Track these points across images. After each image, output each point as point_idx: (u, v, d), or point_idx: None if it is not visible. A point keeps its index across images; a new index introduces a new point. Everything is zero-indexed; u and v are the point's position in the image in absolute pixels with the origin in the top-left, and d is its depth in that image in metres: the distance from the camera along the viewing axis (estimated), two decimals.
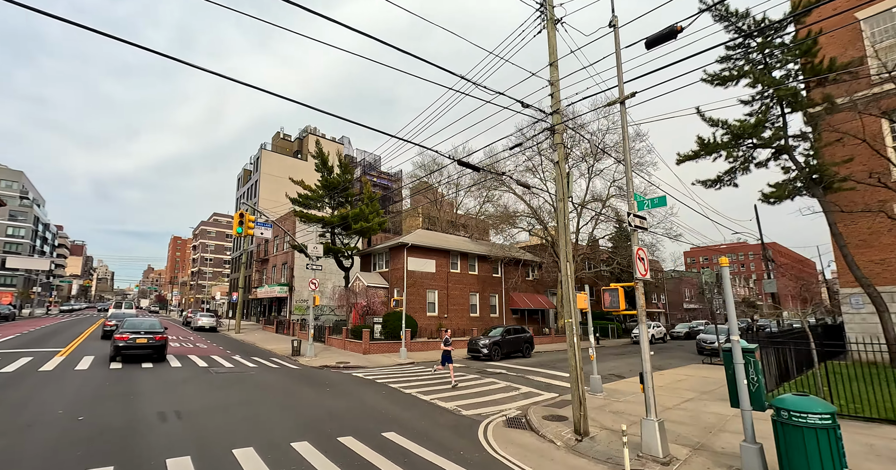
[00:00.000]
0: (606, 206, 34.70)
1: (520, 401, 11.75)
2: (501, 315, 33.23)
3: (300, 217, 28.80)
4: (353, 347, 22.68)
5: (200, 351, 19.93)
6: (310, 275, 39.75)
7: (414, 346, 23.47)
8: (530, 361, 21.42)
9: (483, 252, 32.70)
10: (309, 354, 20.02)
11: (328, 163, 30.11)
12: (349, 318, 30.26)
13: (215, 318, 34.64)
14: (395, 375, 15.36)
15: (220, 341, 26.01)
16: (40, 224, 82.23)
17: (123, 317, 23.67)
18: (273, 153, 54.75)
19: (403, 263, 27.68)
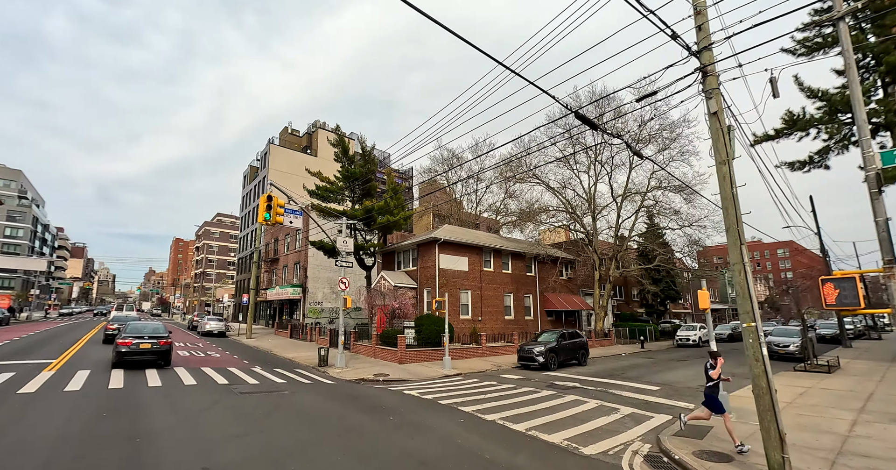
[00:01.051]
0: (646, 198, 32.02)
1: (632, 427, 9.23)
2: (536, 317, 30.52)
3: (319, 211, 26.14)
4: (386, 356, 19.97)
5: (214, 361, 17.25)
6: (324, 275, 37.09)
7: (451, 353, 20.74)
8: (591, 369, 18.71)
9: (517, 249, 30.02)
10: (339, 364, 17.34)
11: (349, 152, 27.46)
12: (372, 321, 27.57)
13: (224, 322, 31.99)
14: (452, 392, 12.65)
15: (233, 349, 23.32)
16: (39, 225, 79.73)
17: (126, 320, 22.32)
18: (281, 148, 52.17)
19: (434, 260, 25.00)
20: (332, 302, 37.51)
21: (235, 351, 21.97)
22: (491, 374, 17.38)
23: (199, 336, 30.58)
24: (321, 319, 36.38)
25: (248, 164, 59.52)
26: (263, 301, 45.10)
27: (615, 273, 32.22)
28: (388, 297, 25.03)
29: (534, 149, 33.29)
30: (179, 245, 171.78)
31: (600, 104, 29.64)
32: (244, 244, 57.80)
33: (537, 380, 15.57)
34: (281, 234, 42.45)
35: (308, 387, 12.71)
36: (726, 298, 36.27)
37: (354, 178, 27.01)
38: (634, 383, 14.88)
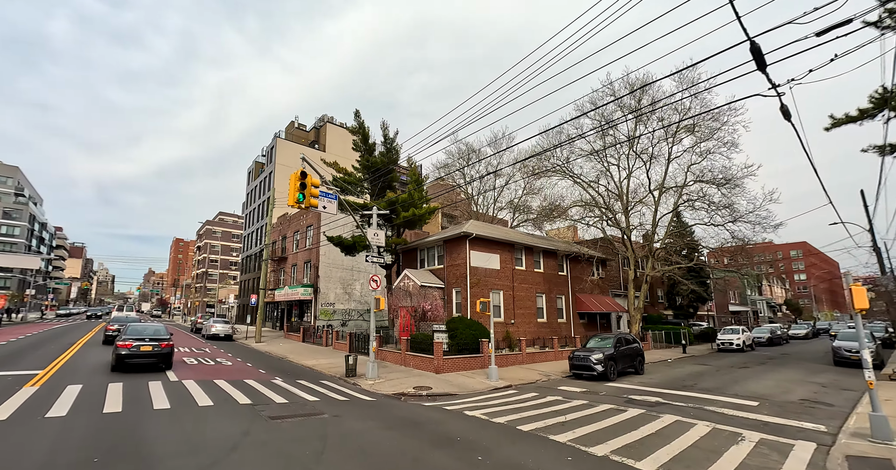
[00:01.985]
0: (683, 193, 29.83)
1: (783, 461, 7.12)
2: (569, 320, 28.26)
3: (338, 204, 23.86)
4: (419, 364, 17.71)
5: (227, 371, 14.98)
6: (336, 274, 34.84)
7: (490, 361, 18.47)
8: (653, 379, 16.45)
9: (550, 246, 27.81)
10: (370, 375, 15.07)
11: (369, 140, 25.23)
12: (394, 324, 25.31)
13: (230, 324, 29.71)
14: (522, 412, 10.38)
15: (245, 355, 21.05)
16: (37, 223, 77.46)
17: (126, 321, 22.82)
18: (288, 142, 49.98)
19: (465, 257, 22.75)
20: (345, 303, 35.27)
21: (248, 358, 19.69)
22: (545, 385, 15.14)
23: (205, 340, 28.30)
24: (333, 321, 34.12)
25: (253, 160, 57.34)
26: (270, 302, 42.81)
27: (653, 272, 30.00)
28: (414, 297, 22.81)
29: (562, 140, 31.13)
30: (180, 245, 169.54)
31: (637, 94, 27.59)
32: (248, 243, 55.57)
33: (606, 393, 13.32)
34: (290, 230, 40.20)
35: (348, 407, 10.44)
36: (746, 300, 34.13)
37: (375, 168, 24.77)
38: (721, 397, 12.65)
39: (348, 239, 23.90)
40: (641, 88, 26.50)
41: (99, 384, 11.14)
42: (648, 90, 27.23)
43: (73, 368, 13.95)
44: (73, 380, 11.63)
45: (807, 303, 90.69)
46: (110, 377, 12.43)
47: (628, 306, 30.56)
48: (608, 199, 30.92)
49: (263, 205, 50.29)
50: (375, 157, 24.97)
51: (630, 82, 27.65)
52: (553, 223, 35.80)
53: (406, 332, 23.10)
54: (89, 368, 14.05)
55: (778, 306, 76.68)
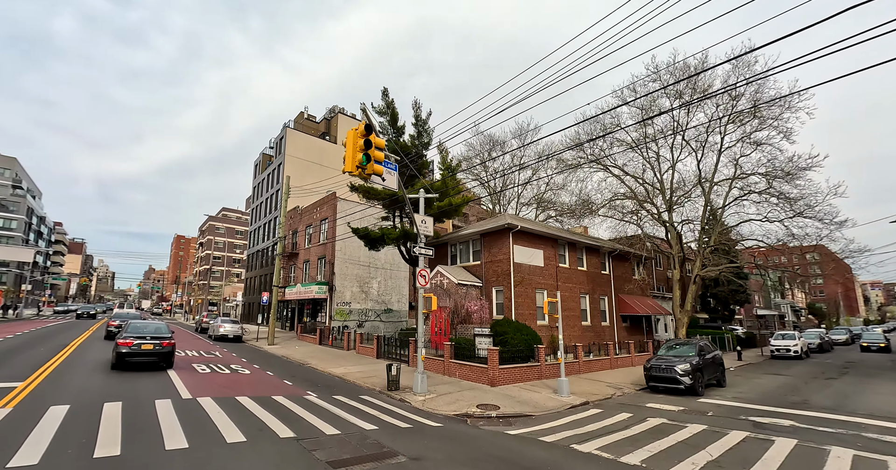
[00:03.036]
0: (735, 187, 27.35)
1: None
2: (612, 323, 25.76)
3: (363, 192, 21.42)
4: (468, 374, 15.20)
5: (248, 383, 12.48)
6: (353, 271, 32.35)
7: (544, 370, 16.00)
8: (744, 393, 13.93)
9: (594, 243, 25.34)
10: (419, 388, 12.57)
11: (398, 121, 22.73)
12: (424, 327, 22.80)
13: (239, 324, 27.23)
14: (638, 443, 7.88)
15: (260, 360, 18.56)
16: (34, 216, 75.02)
17: (127, 318, 22.79)
18: (299, 133, 47.49)
19: (507, 252, 20.26)
20: (362, 302, 32.79)
21: (265, 364, 17.18)
22: (626, 402, 12.66)
23: (212, 341, 25.81)
24: (349, 321, 31.65)
25: (260, 152, 54.86)
26: (280, 300, 40.29)
27: (703, 272, 27.48)
28: (451, 296, 20.31)
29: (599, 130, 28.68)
30: (181, 242, 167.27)
31: (692, 80, 25.14)
32: (255, 239, 53.10)
33: (715, 414, 10.83)
34: (301, 225, 37.72)
35: (418, 438, 7.95)
36: (770, 304, 30.45)
37: (405, 152, 22.25)
38: (855, 418, 10.17)
39: (375, 231, 21.40)
40: (697, 74, 24.07)
41: (91, 404, 8.65)
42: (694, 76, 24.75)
43: (63, 377, 11.46)
44: (60, 397, 9.14)
45: (825, 307, 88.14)
46: (107, 388, 9.96)
47: (673, 308, 28.06)
48: (651, 194, 28.45)
49: (272, 198, 47.84)
50: (405, 141, 22.47)
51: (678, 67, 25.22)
52: (582, 220, 33.34)
53: (440, 335, 20.63)
54: (82, 377, 11.56)
55: (802, 311, 74.11)
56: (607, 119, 29.19)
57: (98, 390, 10.02)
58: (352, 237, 32.32)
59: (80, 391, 9.86)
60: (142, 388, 10.57)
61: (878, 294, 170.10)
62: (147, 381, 11.56)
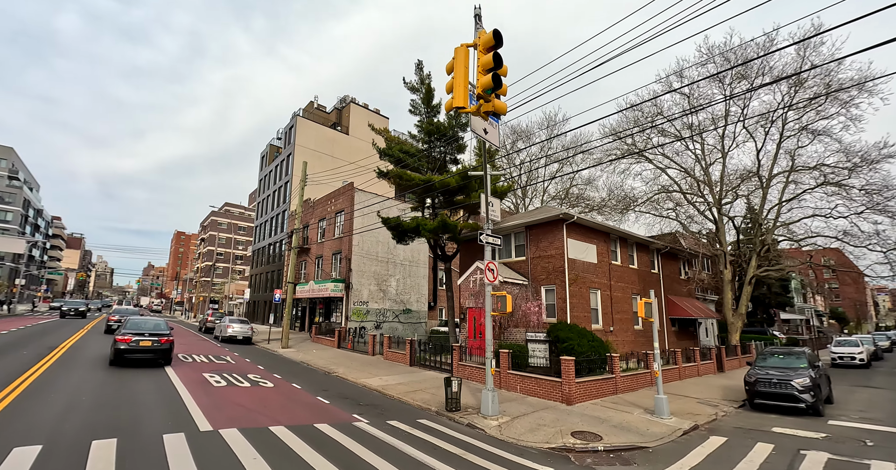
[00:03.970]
0: (791, 181, 24.96)
1: None
2: (662, 327, 23.29)
3: (398, 179, 18.90)
4: (533, 389, 12.71)
5: (276, 401, 10.00)
6: (370, 268, 29.86)
7: (622, 384, 13.52)
8: (866, 411, 11.41)
9: (643, 239, 22.89)
10: (489, 411, 10.09)
11: (433, 99, 20.23)
12: (458, 330, 20.39)
13: (249, 325, 24.72)
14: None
15: (279, 367, 16.06)
16: (31, 209, 72.48)
17: (126, 313, 24.56)
18: (310, 122, 45.00)
19: (561, 246, 17.77)
20: (379, 302, 30.31)
21: (287, 373, 14.68)
22: (740, 425, 10.19)
23: (220, 343, 23.32)
24: (366, 322, 29.19)
25: (267, 143, 52.38)
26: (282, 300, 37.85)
27: (760, 272, 25.03)
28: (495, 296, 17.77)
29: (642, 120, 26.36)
30: (181, 238, 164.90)
31: (742, 65, 22.81)
32: (261, 234, 50.62)
33: (877, 443, 8.35)
34: (313, 218, 35.22)
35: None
36: (794, 308, 26.40)
37: (441, 134, 19.78)
38: None
39: (408, 222, 18.87)
40: (762, 57, 21.72)
41: (74, 443, 6.15)
42: (757, 59, 22.31)
43: (37, 401, 8.97)
44: (28, 438, 6.63)
45: (843, 312, 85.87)
46: (96, 415, 7.48)
47: (724, 311, 25.64)
48: (699, 187, 26.02)
49: (280, 190, 45.35)
50: (440, 122, 19.97)
51: (734, 50, 22.81)
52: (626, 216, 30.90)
53: (479, 340, 18.17)
54: (67, 395, 9.08)
55: (824, 315, 71.71)
56: (647, 108, 26.83)
57: (85, 418, 7.52)
58: (370, 231, 29.88)
59: (60, 418, 7.36)
60: (144, 413, 8.07)
61: (885, 300, 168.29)
62: (150, 399, 9.08)
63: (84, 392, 9.38)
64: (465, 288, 19.80)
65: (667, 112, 26.45)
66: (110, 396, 9.27)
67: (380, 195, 33.04)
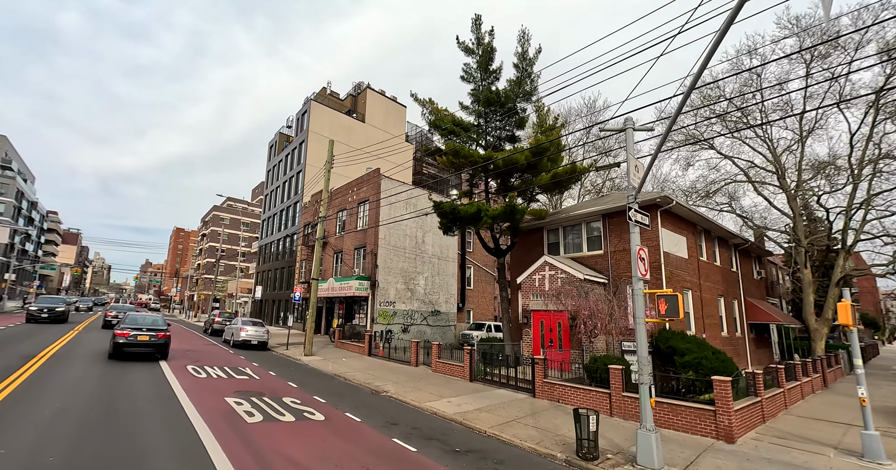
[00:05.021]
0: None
1: None
2: (743, 333, 20.19)
3: (451, 156, 15.71)
4: (668, 419, 9.53)
5: (339, 446, 6.84)
6: (398, 265, 26.74)
7: (767, 408, 10.38)
8: None
9: (729, 231, 19.80)
10: (656, 463, 6.91)
11: (491, 64, 17.05)
12: (516, 337, 17.28)
13: (265, 327, 21.50)
14: None
15: (317, 385, 12.87)
16: (25, 200, 69.06)
17: (124, 310, 26.47)
18: (324, 107, 41.78)
19: (656, 237, 14.66)
20: (407, 302, 27.16)
21: (332, 394, 11.49)
22: None
23: (231, 349, 20.11)
24: (393, 325, 26.03)
25: (276, 132, 49.16)
26: (305, 298, 34.66)
27: (852, 273, 21.98)
28: (565, 296, 14.67)
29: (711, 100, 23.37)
30: (180, 235, 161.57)
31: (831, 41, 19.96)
32: (269, 228, 47.38)
33: None
34: (331, 209, 32.04)
35: None
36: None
37: (499, 103, 16.62)
38: None
39: (465, 207, 15.66)
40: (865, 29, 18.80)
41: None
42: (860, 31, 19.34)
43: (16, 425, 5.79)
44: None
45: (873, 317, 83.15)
46: None
47: (806, 317, 22.57)
48: (781, 174, 22.99)
49: (291, 181, 42.14)
50: (500, 90, 16.79)
51: (817, 23, 19.85)
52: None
53: (553, 349, 15.08)
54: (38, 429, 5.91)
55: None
56: (707, 91, 23.78)
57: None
58: (397, 223, 26.74)
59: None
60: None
61: (895, 305, 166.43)
62: (162, 452, 5.91)
63: (59, 442, 6.22)
64: (529, 287, 16.67)
65: (735, 94, 23.41)
66: (101, 447, 6.10)
67: (406, 183, 29.91)
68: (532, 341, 16.26)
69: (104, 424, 6.99)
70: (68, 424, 6.85)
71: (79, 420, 7.12)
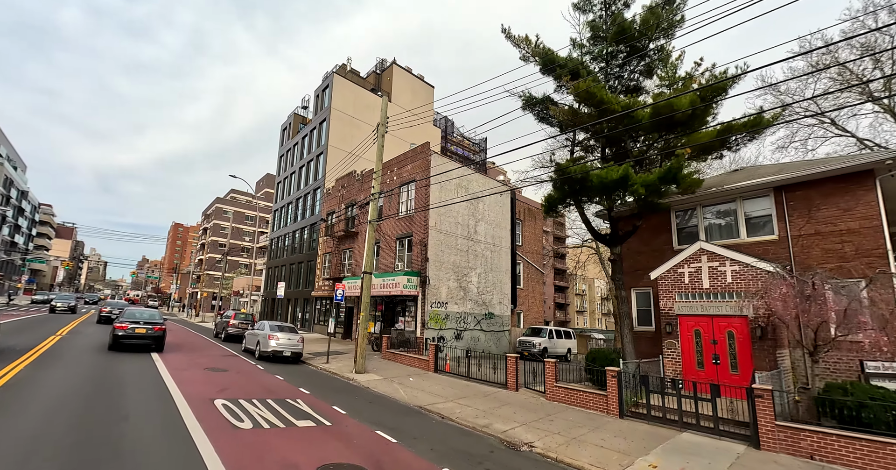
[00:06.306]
0: None
1: None
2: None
3: (583, 99, 11.28)
4: None
5: None
6: (449, 258, 22.44)
7: None
8: None
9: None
10: None
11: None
12: (648, 351, 12.95)
13: (299, 334, 17.05)
14: None
15: (411, 431, 8.45)
16: (14, 189, 64.31)
17: (116, 307, 27.35)
18: (347, 82, 37.32)
19: (874, 214, 10.34)
20: (459, 303, 22.76)
21: (457, 455, 7.08)
22: None
23: (256, 361, 15.65)
24: (445, 330, 21.64)
25: (291, 113, 44.70)
26: (323, 297, 30.26)
27: None
28: (737, 294, 10.30)
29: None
30: (179, 230, 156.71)
31: None
32: (281, 219, 42.92)
33: None
34: (362, 194, 27.62)
35: None
36: None
37: (630, 38, 12.24)
38: None
39: (602, 171, 11.22)
40: None
41: None
42: None
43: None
44: None
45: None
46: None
47: None
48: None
49: (310, 166, 37.65)
50: (629, 21, 12.40)
51: None
52: None
53: (723, 368, 10.78)
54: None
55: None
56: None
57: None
58: (446, 211, 22.36)
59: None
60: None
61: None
62: None
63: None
64: (673, 284, 12.30)
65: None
66: None
67: (454, 161, 25.53)
68: (680, 357, 11.90)
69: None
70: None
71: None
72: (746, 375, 10.71)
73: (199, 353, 16.38)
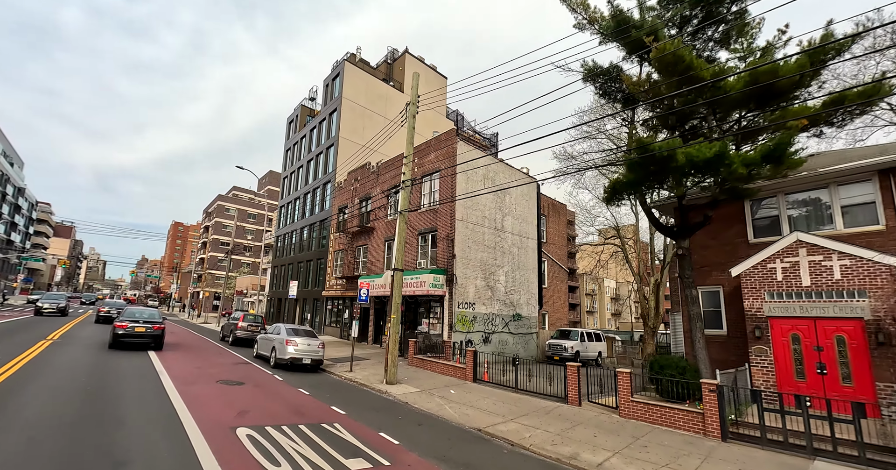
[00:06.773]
0: None
1: None
2: None
3: (668, 63, 9.55)
4: None
5: None
6: (476, 255, 20.77)
7: None
8: None
9: None
10: None
11: None
12: (729, 360, 11.23)
13: (319, 339, 15.33)
14: None
15: (476, 466, 6.69)
16: (11, 186, 62.48)
17: (114, 306, 27.83)
18: (359, 70, 35.54)
19: None
20: (487, 304, 21.06)
21: None
22: None
23: (272, 370, 13.91)
24: (473, 333, 19.94)
25: (298, 104, 42.91)
26: (334, 296, 28.53)
27: None
28: (857, 293, 8.57)
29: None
30: (179, 229, 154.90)
31: None
32: (287, 216, 41.17)
33: None
34: (377, 187, 25.92)
35: None
36: None
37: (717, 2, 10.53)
38: None
39: (693, 149, 9.49)
40: None
41: None
42: None
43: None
44: None
45: None
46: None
47: None
48: None
49: (319, 158, 35.88)
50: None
51: None
52: None
53: (834, 381, 9.06)
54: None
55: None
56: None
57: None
58: (472, 203, 20.65)
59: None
60: None
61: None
62: None
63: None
64: (762, 282, 10.60)
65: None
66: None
67: (480, 150, 23.80)
68: (773, 366, 10.19)
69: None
70: None
71: None
72: (864, 387, 9.03)
73: (208, 361, 14.65)
